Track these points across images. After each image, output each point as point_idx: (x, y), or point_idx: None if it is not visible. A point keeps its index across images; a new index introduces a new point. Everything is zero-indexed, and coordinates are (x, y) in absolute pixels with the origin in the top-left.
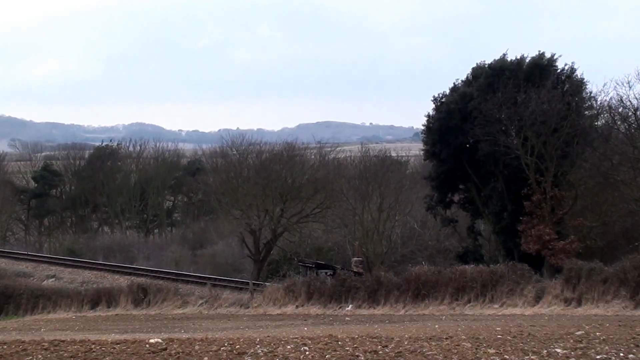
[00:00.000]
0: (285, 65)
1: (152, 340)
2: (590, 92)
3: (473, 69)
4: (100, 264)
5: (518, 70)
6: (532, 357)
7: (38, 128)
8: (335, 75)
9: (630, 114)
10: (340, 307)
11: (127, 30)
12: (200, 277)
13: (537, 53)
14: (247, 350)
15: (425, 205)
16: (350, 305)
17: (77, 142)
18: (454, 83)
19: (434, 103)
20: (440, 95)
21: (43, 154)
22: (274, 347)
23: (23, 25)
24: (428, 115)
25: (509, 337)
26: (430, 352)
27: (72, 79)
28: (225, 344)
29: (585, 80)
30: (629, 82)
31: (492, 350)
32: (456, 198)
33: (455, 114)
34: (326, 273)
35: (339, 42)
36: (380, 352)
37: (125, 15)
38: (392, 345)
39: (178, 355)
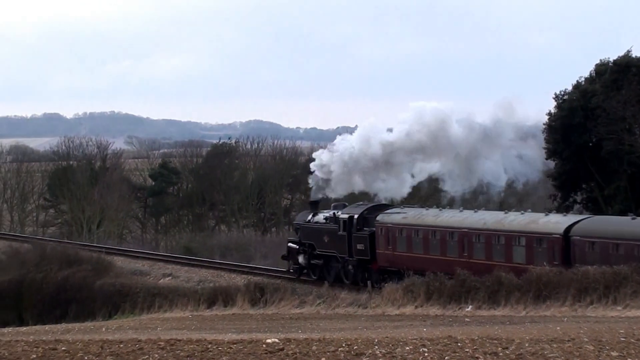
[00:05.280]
0: (407, 62)
1: (269, 340)
2: None
3: (596, 65)
4: (217, 262)
5: None
6: None
7: (155, 125)
8: (455, 72)
9: None
10: (459, 308)
11: (250, 27)
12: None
13: None
14: (365, 351)
15: (548, 207)
16: (470, 306)
17: (194, 139)
18: (577, 80)
19: (556, 100)
20: (562, 92)
21: (160, 151)
22: (392, 348)
23: (150, 22)
24: (549, 113)
25: (633, 340)
26: (551, 355)
27: (191, 76)
28: (343, 345)
29: None
30: None
31: (615, 353)
32: (578, 198)
33: (578, 111)
34: None
35: (460, 38)
36: (501, 354)
37: (249, 12)
38: (513, 347)
39: (295, 355)
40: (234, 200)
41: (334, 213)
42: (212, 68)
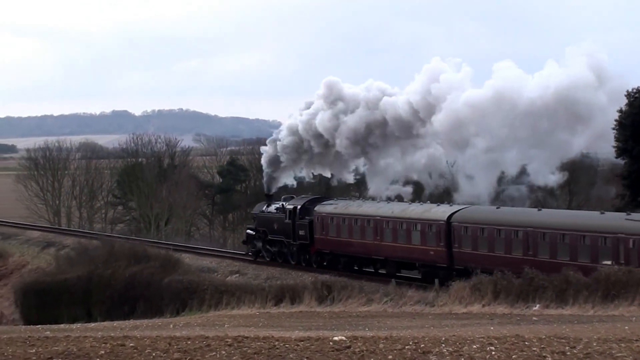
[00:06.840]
0: (478, 61)
1: (336, 338)
2: None
3: None
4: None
5: None
6: None
7: (223, 123)
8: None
9: None
10: (527, 307)
11: (318, 26)
12: (384, 275)
13: None
14: (432, 349)
15: (616, 206)
16: (538, 305)
17: (262, 136)
18: None
19: (627, 98)
20: (635, 90)
21: (228, 148)
22: (460, 346)
23: (219, 22)
24: (620, 110)
25: None
26: (619, 354)
27: (259, 74)
28: (410, 343)
29: None
30: None
31: None
32: None
33: None
34: None
35: (529, 37)
36: (568, 353)
37: (317, 11)
38: (581, 346)
39: (362, 353)
40: None
41: (282, 204)
42: (280, 66)
